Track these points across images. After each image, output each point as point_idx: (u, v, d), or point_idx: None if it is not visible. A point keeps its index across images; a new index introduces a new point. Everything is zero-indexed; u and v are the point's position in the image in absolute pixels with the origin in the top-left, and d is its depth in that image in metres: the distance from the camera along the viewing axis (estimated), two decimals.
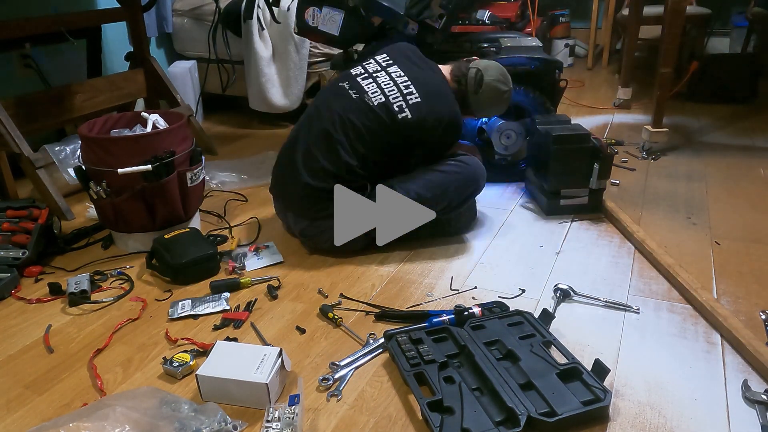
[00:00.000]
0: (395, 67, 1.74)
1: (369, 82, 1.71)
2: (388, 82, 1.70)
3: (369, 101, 1.67)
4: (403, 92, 1.68)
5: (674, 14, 2.32)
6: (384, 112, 1.65)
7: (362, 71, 1.76)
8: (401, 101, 1.66)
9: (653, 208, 1.99)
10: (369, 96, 1.68)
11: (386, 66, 1.75)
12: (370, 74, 1.74)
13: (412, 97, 1.67)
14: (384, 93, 1.68)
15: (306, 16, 2.12)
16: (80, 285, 1.58)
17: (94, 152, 1.69)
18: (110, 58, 2.95)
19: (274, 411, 1.09)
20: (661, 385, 1.19)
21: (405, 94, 1.67)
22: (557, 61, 2.20)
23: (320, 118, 1.70)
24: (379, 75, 1.73)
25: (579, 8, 4.63)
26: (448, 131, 1.72)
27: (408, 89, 1.68)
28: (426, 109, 1.66)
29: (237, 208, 2.14)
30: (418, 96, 1.67)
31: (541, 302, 1.49)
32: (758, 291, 1.50)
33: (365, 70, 1.76)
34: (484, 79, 1.77)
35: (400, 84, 1.69)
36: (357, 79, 1.73)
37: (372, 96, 1.67)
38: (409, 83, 1.69)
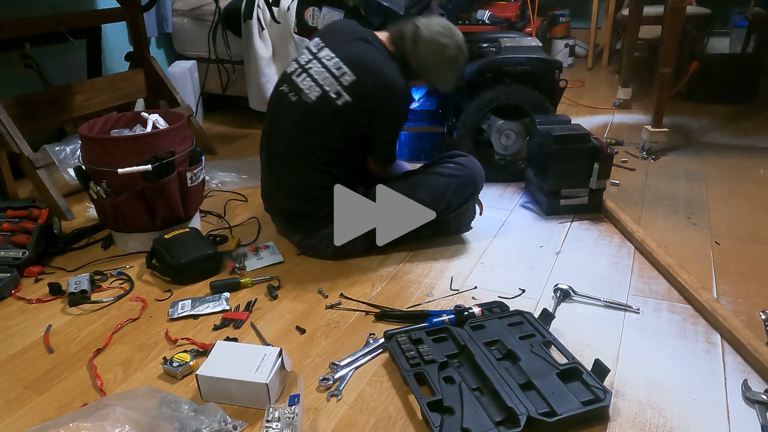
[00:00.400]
0: (326, 51, 1.62)
1: (303, 77, 1.62)
2: (321, 70, 1.60)
3: (307, 99, 1.59)
4: (336, 75, 1.57)
5: (674, 14, 2.32)
6: (324, 105, 1.57)
7: (296, 66, 1.66)
8: (337, 86, 1.56)
9: (653, 208, 1.99)
10: (305, 94, 1.60)
11: (318, 52, 1.64)
12: (303, 67, 1.64)
13: (346, 77, 1.56)
14: (318, 84, 1.59)
15: (306, 16, 2.12)
16: (80, 285, 1.58)
17: (94, 152, 1.69)
18: (110, 58, 2.95)
19: (274, 411, 1.09)
20: (661, 385, 1.19)
21: (338, 76, 1.57)
22: (557, 61, 2.20)
23: (275, 137, 1.68)
24: (311, 66, 1.62)
25: (579, 8, 4.63)
26: (394, 99, 1.59)
27: (340, 70, 1.57)
28: (363, 85, 1.55)
29: (237, 208, 2.14)
30: (351, 74, 1.56)
31: (541, 302, 1.49)
32: (758, 291, 1.50)
33: (299, 64, 1.66)
34: (421, 33, 1.61)
35: (332, 68, 1.58)
36: (292, 78, 1.65)
37: (308, 92, 1.59)
38: (340, 63, 1.58)
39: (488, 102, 2.14)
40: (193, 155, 1.82)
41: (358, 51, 1.60)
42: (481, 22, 3.53)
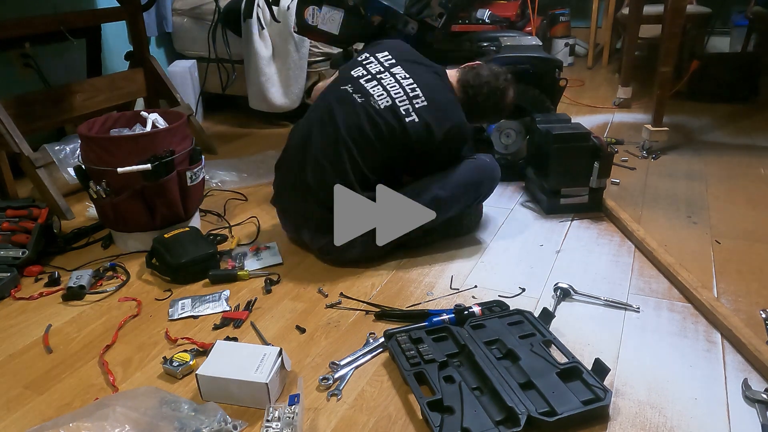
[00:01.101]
0: (399, 68, 1.68)
1: (374, 84, 1.65)
2: (394, 85, 1.64)
3: (375, 105, 1.61)
4: (410, 95, 1.62)
5: (674, 13, 2.32)
6: (391, 116, 1.59)
7: (364, 72, 1.69)
8: (408, 104, 1.61)
9: (653, 207, 1.99)
10: (375, 99, 1.61)
11: (390, 67, 1.69)
12: (373, 76, 1.67)
13: (419, 101, 1.62)
14: (390, 96, 1.62)
15: (306, 15, 2.12)
16: (80, 280, 1.59)
17: (94, 152, 1.69)
18: (110, 57, 2.95)
19: (274, 411, 1.09)
20: (662, 384, 1.19)
21: (411, 97, 1.62)
22: (557, 60, 2.20)
23: (325, 127, 1.63)
24: (384, 77, 1.66)
25: (579, 7, 4.63)
26: (455, 139, 1.67)
27: (414, 92, 1.63)
28: (433, 114, 1.61)
29: (237, 208, 2.14)
30: (424, 100, 1.62)
31: (541, 301, 1.49)
32: (758, 290, 1.50)
33: (367, 72, 1.69)
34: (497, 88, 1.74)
35: (406, 87, 1.63)
36: (360, 82, 1.66)
37: (378, 99, 1.61)
38: (414, 86, 1.64)
39: None
40: (193, 154, 1.82)
41: (431, 82, 1.68)
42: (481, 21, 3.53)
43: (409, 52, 1.77)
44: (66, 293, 1.57)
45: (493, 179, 1.78)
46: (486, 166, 1.77)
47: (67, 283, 1.59)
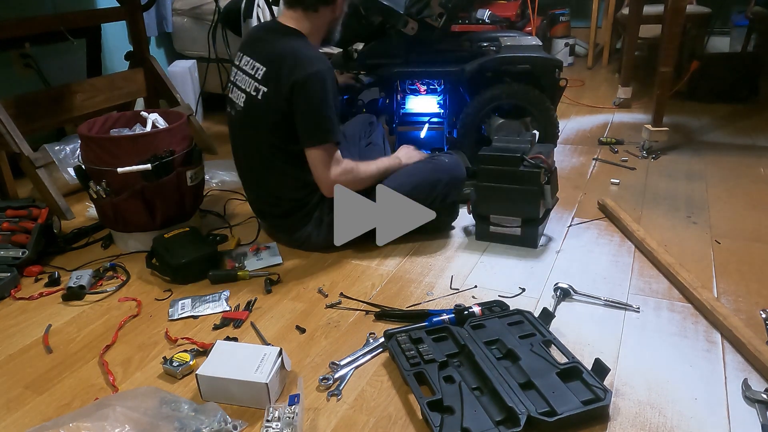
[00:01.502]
0: (245, 59, 1.66)
1: (233, 91, 1.70)
2: (243, 78, 1.65)
3: (239, 108, 1.67)
4: (253, 75, 1.61)
5: (674, 13, 2.32)
6: (250, 106, 1.63)
7: (230, 85, 1.73)
8: (254, 84, 1.61)
9: (653, 207, 1.99)
10: (237, 105, 1.67)
11: (239, 62, 1.69)
12: (233, 83, 1.71)
13: (260, 72, 1.59)
14: (243, 91, 1.65)
15: None
16: (80, 280, 1.60)
17: (94, 152, 1.69)
18: (110, 57, 2.95)
19: (274, 411, 1.09)
20: (662, 384, 1.19)
21: (254, 75, 1.61)
22: (557, 60, 2.19)
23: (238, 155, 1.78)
24: (237, 77, 1.68)
25: (579, 7, 4.63)
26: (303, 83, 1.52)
27: (255, 68, 1.61)
28: (274, 71, 1.56)
29: (237, 208, 2.14)
30: (261, 65, 1.59)
31: (541, 301, 1.49)
32: (758, 290, 1.50)
33: (231, 82, 1.73)
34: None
35: (249, 71, 1.63)
36: (230, 96, 1.72)
37: (238, 102, 1.67)
38: (252, 61, 1.63)
39: (488, 101, 2.14)
40: (193, 154, 1.82)
41: (270, 45, 1.61)
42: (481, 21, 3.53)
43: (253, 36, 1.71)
44: (66, 293, 1.57)
45: (452, 177, 1.74)
46: (443, 166, 1.74)
47: (67, 283, 1.59)
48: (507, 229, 1.72)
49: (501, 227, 1.73)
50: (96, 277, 1.67)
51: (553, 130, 2.19)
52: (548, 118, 2.16)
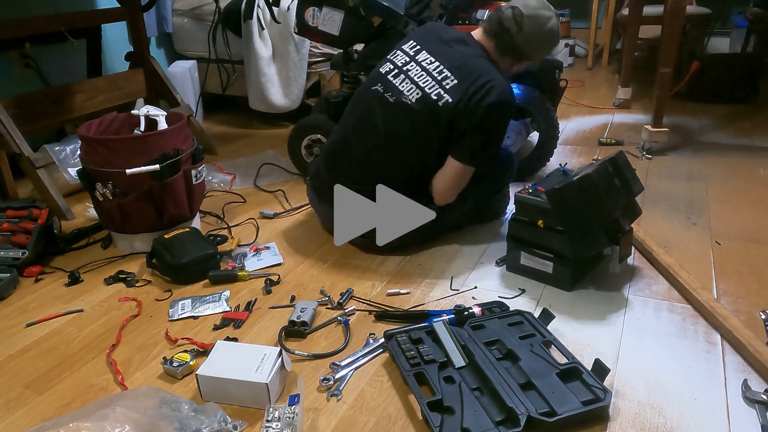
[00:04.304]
0: (424, 54, 1.64)
1: (402, 79, 1.63)
2: (421, 73, 1.61)
3: (407, 101, 1.60)
4: (438, 79, 1.58)
5: (674, 14, 2.32)
6: (424, 107, 1.58)
7: (392, 67, 1.67)
8: (438, 88, 1.57)
9: (653, 208, 1.99)
10: (405, 95, 1.60)
11: (415, 54, 1.66)
12: (400, 69, 1.65)
13: (448, 81, 1.57)
14: (419, 86, 1.60)
15: (306, 16, 2.12)
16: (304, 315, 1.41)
17: (99, 153, 1.68)
18: (110, 58, 2.95)
19: (274, 411, 1.09)
20: (661, 384, 1.19)
21: (440, 80, 1.58)
22: (557, 61, 2.20)
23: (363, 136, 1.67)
24: (410, 68, 1.64)
25: (579, 8, 4.63)
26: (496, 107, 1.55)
27: (442, 74, 1.58)
28: (465, 87, 1.55)
29: (236, 209, 2.14)
30: (453, 78, 1.57)
31: (541, 302, 1.49)
32: (758, 291, 1.50)
33: (394, 66, 1.67)
34: (524, 12, 1.59)
35: (433, 71, 1.60)
36: (388, 78, 1.66)
37: (408, 95, 1.60)
38: (441, 68, 1.59)
39: None
40: (195, 153, 1.82)
41: (458, 55, 1.61)
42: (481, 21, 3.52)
43: (436, 32, 1.71)
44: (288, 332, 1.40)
45: (510, 168, 1.85)
46: (501, 158, 1.83)
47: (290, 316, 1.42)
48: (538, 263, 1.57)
49: (533, 260, 1.58)
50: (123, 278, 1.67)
51: (553, 131, 2.19)
52: (548, 119, 2.16)
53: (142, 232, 1.79)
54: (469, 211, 1.83)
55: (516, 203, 1.58)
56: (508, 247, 1.63)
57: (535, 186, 1.58)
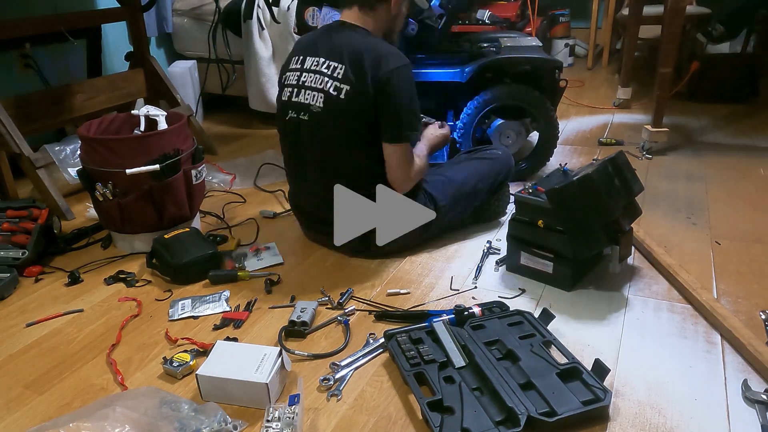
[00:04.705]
0: (309, 60, 1.63)
1: (303, 93, 1.62)
2: (314, 77, 1.60)
3: (317, 110, 1.59)
4: (327, 73, 1.57)
5: (674, 14, 2.32)
6: (334, 105, 1.56)
7: (291, 90, 1.66)
8: (333, 82, 1.56)
9: (653, 208, 1.99)
10: (313, 105, 1.59)
11: (302, 65, 1.64)
12: (297, 86, 1.64)
13: (337, 71, 1.56)
14: (318, 89, 1.58)
15: (306, 16, 2.13)
16: (304, 315, 1.41)
17: (99, 153, 1.68)
18: (110, 58, 2.95)
19: (274, 411, 1.09)
20: (661, 384, 1.19)
21: (330, 73, 1.57)
22: (557, 61, 2.20)
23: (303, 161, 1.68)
24: (304, 78, 1.62)
25: (579, 8, 4.63)
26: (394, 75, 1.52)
27: (330, 67, 1.57)
28: (353, 69, 1.54)
29: (236, 209, 2.14)
30: (338, 64, 1.56)
31: (541, 302, 1.49)
32: (758, 291, 1.50)
33: (291, 86, 1.66)
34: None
35: (322, 68, 1.59)
36: (293, 101, 1.64)
37: (315, 103, 1.59)
38: (326, 61, 1.59)
39: (488, 102, 2.14)
40: (195, 153, 1.82)
41: (338, 42, 1.59)
42: (481, 21, 3.53)
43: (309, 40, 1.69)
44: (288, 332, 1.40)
45: (509, 167, 1.89)
46: (499, 158, 1.88)
47: (290, 316, 1.42)
48: (539, 263, 1.56)
49: (533, 259, 1.57)
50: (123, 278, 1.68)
51: (553, 131, 2.19)
52: (548, 119, 2.16)
53: (142, 232, 1.79)
54: (470, 211, 1.85)
55: (516, 203, 1.58)
56: (508, 247, 1.63)
57: (535, 186, 1.58)
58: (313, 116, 1.61)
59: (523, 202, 1.56)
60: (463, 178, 1.79)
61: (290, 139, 1.71)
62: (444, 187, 1.76)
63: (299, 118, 1.64)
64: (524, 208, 1.56)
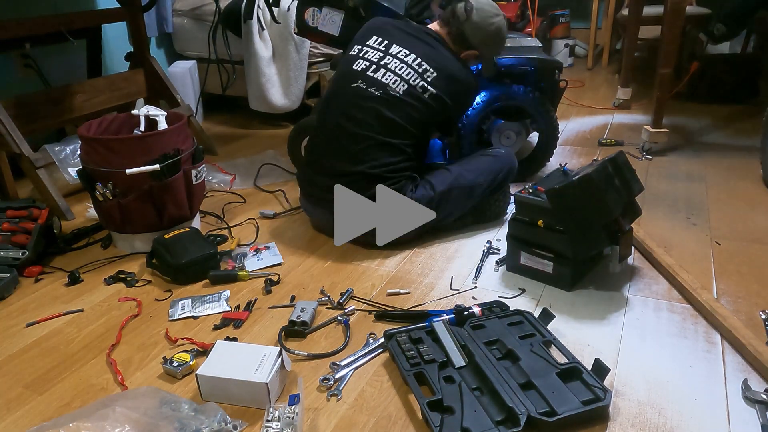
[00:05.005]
0: (395, 47, 1.76)
1: (383, 73, 1.73)
2: (401, 66, 1.73)
3: (395, 93, 1.70)
4: (419, 71, 1.72)
5: (674, 14, 2.32)
6: (412, 98, 1.70)
7: (368, 64, 1.76)
8: (421, 80, 1.72)
9: (653, 208, 1.99)
10: (391, 87, 1.70)
11: (386, 49, 1.77)
12: (378, 64, 1.74)
13: (429, 74, 1.73)
14: (403, 79, 1.71)
15: (306, 16, 2.12)
16: (304, 315, 1.41)
17: (99, 153, 1.68)
18: (110, 58, 2.95)
19: (274, 411, 1.09)
20: (661, 384, 1.19)
21: (421, 72, 1.72)
22: (557, 62, 2.20)
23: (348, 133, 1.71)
24: (388, 61, 1.74)
25: (579, 8, 4.63)
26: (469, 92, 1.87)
27: (421, 66, 1.73)
28: (444, 79, 1.73)
29: (236, 209, 2.14)
30: (433, 71, 1.73)
31: (541, 302, 1.49)
32: (758, 291, 1.50)
33: (370, 62, 1.76)
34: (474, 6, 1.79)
35: (413, 64, 1.73)
36: (368, 74, 1.74)
37: (394, 86, 1.71)
38: (419, 60, 1.74)
39: (488, 102, 2.14)
40: (195, 153, 1.82)
41: (430, 48, 1.78)
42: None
43: (394, 27, 1.84)
44: (288, 332, 1.39)
45: (511, 167, 1.90)
46: (502, 156, 1.90)
47: (290, 316, 1.42)
48: (538, 263, 1.56)
49: (533, 259, 1.57)
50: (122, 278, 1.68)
51: (553, 131, 2.19)
52: (548, 120, 2.16)
53: (142, 232, 1.79)
54: (470, 210, 1.86)
55: (516, 203, 1.58)
56: (508, 247, 1.63)
57: (535, 186, 1.58)
58: (386, 96, 1.71)
59: (523, 202, 1.56)
60: (463, 170, 1.83)
61: (341, 102, 1.76)
62: (444, 177, 1.79)
63: (368, 91, 1.72)
64: (524, 208, 1.56)
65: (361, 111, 1.71)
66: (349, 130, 1.71)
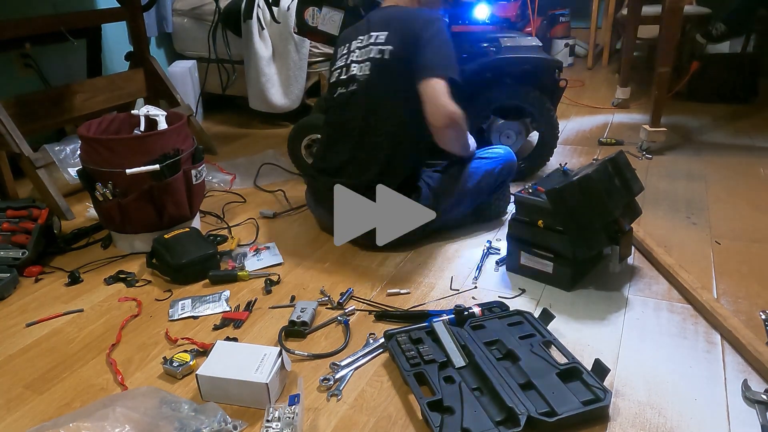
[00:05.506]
0: (354, 43, 1.76)
1: (349, 69, 1.73)
2: (360, 52, 1.72)
3: (363, 75, 1.69)
4: (371, 42, 1.71)
5: (672, 13, 2.32)
6: (378, 70, 1.67)
7: (339, 70, 1.78)
8: (375, 47, 1.69)
9: (653, 208, 1.99)
10: (360, 76, 1.70)
11: (348, 49, 1.78)
12: (346, 65, 1.76)
13: (381, 37, 1.70)
14: (365, 60, 1.71)
15: (306, 16, 2.12)
16: (304, 315, 1.41)
17: (99, 153, 1.68)
18: (110, 57, 2.95)
19: (274, 411, 1.09)
20: (661, 384, 1.19)
21: (375, 42, 1.70)
22: (557, 61, 2.19)
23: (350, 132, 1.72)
24: (351, 56, 1.75)
25: (579, 8, 4.63)
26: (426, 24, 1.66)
27: (372, 38, 1.71)
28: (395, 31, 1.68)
29: (236, 209, 2.14)
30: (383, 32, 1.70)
31: (541, 302, 1.49)
32: (758, 291, 1.50)
33: (340, 69, 1.78)
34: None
35: (366, 43, 1.72)
36: (341, 78, 1.75)
37: (361, 73, 1.70)
38: (369, 35, 1.72)
39: (488, 102, 2.14)
40: (195, 153, 1.82)
41: (376, 19, 1.75)
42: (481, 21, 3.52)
43: (353, 28, 1.82)
44: (288, 332, 1.39)
45: (510, 167, 1.89)
46: (502, 156, 1.89)
47: (290, 316, 1.42)
48: (538, 263, 1.56)
49: (535, 259, 1.56)
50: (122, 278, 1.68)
51: (553, 130, 2.19)
52: (548, 119, 2.16)
53: (142, 232, 1.79)
54: (469, 211, 1.86)
55: (516, 203, 1.58)
56: (508, 247, 1.63)
57: (535, 186, 1.58)
58: (361, 84, 1.70)
59: (523, 202, 1.56)
60: (463, 170, 1.81)
61: (337, 114, 1.78)
62: (443, 177, 1.79)
63: (347, 91, 1.73)
64: (524, 208, 1.56)
65: (352, 111, 1.72)
66: (350, 137, 1.73)
